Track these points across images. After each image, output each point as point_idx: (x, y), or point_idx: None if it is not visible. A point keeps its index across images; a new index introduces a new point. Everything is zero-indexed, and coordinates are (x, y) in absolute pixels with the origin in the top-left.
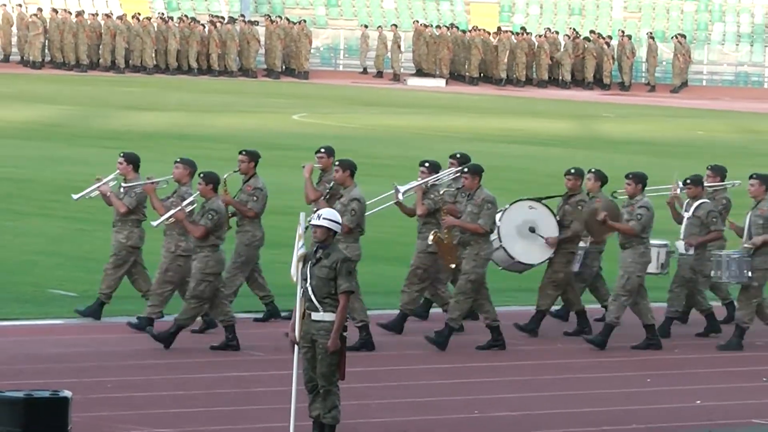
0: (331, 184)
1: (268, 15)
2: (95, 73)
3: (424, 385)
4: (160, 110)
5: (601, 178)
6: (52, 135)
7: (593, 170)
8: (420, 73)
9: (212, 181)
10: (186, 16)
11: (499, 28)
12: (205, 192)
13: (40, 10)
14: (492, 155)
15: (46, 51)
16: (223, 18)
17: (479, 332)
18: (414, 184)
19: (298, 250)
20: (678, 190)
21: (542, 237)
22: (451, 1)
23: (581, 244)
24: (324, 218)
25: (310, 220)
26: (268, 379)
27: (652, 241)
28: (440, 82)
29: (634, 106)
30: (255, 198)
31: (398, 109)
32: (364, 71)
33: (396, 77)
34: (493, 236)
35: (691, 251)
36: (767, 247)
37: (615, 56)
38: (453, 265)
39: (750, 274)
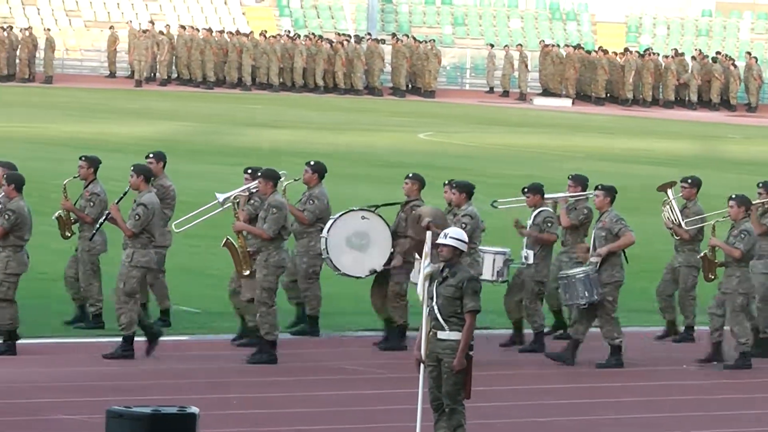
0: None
1: (395, 33)
2: (221, 90)
3: (547, 405)
4: (284, 127)
5: (467, 190)
6: (174, 151)
7: (454, 183)
8: (546, 92)
9: (16, 180)
10: (313, 33)
11: (626, 49)
12: (8, 192)
13: (167, 26)
14: (618, 175)
15: (173, 67)
16: (349, 36)
17: (599, 351)
18: (236, 191)
19: (424, 268)
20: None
21: (368, 249)
22: (578, 21)
23: (530, 260)
24: (450, 237)
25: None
26: (392, 397)
27: (488, 248)
28: (566, 102)
29: (760, 127)
30: (92, 203)
31: (524, 129)
32: (491, 90)
33: (522, 97)
34: (323, 245)
35: (530, 260)
36: (613, 259)
37: (742, 77)
38: (247, 272)
39: (599, 291)
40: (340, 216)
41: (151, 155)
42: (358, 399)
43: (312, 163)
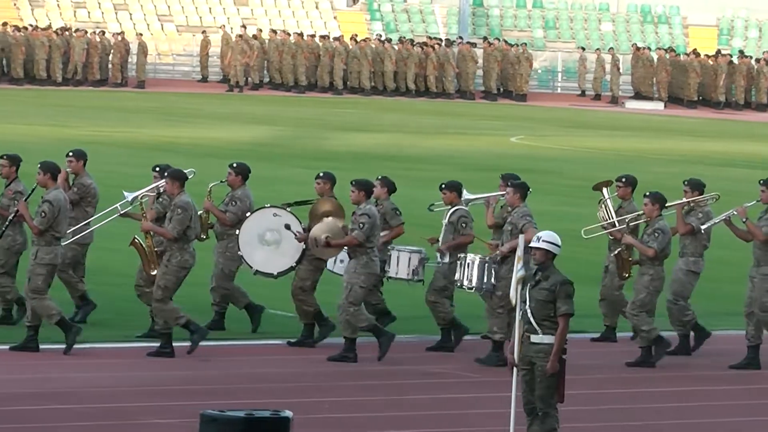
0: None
1: (486, 37)
2: (313, 95)
3: (639, 409)
4: (375, 131)
5: (388, 186)
6: (266, 155)
7: (379, 177)
8: (638, 96)
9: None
10: (404, 37)
11: (718, 51)
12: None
13: (260, 31)
14: (710, 178)
15: (265, 72)
16: (440, 40)
17: (707, 356)
18: (143, 190)
19: (518, 272)
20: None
21: (281, 247)
22: (669, 24)
23: (446, 259)
24: (544, 240)
25: None
26: (484, 401)
27: (404, 247)
28: (659, 105)
29: None
30: (16, 202)
31: (616, 132)
32: (582, 93)
33: (614, 100)
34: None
35: (446, 259)
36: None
37: None
38: (153, 272)
39: (494, 282)
40: (252, 213)
41: (71, 153)
42: (449, 403)
43: (235, 164)
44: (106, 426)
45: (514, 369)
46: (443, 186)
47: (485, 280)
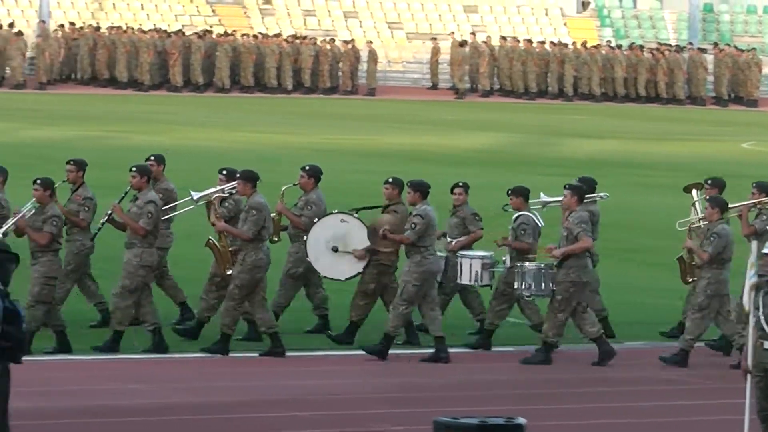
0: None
1: (716, 43)
2: (543, 101)
3: None
4: (606, 138)
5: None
6: (495, 162)
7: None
8: None
9: (49, 186)
10: (634, 43)
11: None
12: (41, 198)
13: (489, 37)
14: None
15: (495, 79)
16: (671, 46)
17: None
18: (210, 190)
19: (750, 278)
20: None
21: (348, 253)
22: None
23: (441, 253)
24: None
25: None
26: (715, 408)
27: (468, 252)
28: None
29: None
30: (86, 208)
31: None
32: None
33: None
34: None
35: (507, 264)
36: (572, 260)
37: None
38: (229, 272)
39: (552, 287)
40: (320, 219)
41: (152, 157)
42: (679, 410)
43: (308, 167)
44: None
45: (748, 375)
46: (510, 192)
47: (542, 286)
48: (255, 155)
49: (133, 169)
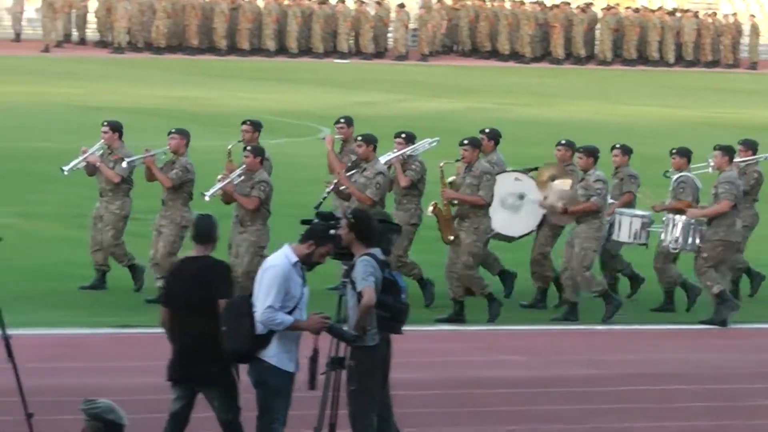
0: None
1: None
2: None
3: None
4: None
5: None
6: None
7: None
8: None
9: (260, 153)
10: None
11: None
12: (252, 164)
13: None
14: None
15: None
16: None
17: None
18: (391, 155)
19: None
20: None
21: (523, 209)
22: None
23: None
24: None
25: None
26: None
27: (629, 210)
28: None
29: None
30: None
31: None
32: None
33: None
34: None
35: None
36: (719, 219)
37: None
38: (452, 237)
39: (699, 243)
40: (495, 177)
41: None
42: None
43: (487, 130)
44: (718, 407)
45: None
46: (673, 151)
47: (689, 240)
48: (631, 128)
49: (359, 138)
